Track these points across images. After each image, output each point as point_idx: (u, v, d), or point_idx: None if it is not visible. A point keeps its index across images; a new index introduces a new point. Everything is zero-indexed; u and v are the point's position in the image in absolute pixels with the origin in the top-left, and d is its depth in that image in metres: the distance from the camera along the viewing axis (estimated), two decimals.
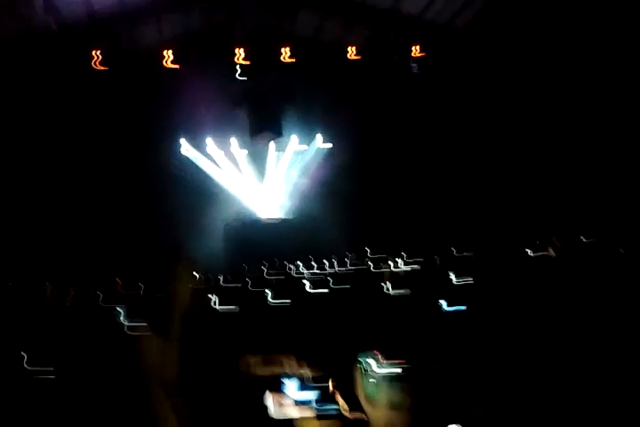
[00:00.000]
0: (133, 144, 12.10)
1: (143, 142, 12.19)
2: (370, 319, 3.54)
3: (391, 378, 1.87)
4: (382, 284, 5.02)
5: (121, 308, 3.65)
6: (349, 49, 11.72)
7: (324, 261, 9.05)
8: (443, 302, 3.75)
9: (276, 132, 13.33)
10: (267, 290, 4.66)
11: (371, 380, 1.88)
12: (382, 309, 4.04)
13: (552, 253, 6.33)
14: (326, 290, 5.22)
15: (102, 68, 10.86)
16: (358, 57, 11.73)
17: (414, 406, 1.81)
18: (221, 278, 7.52)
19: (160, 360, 2.35)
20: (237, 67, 11.50)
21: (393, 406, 1.85)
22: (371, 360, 1.89)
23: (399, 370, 1.85)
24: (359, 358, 1.95)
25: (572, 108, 10.50)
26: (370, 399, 1.91)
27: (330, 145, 13.80)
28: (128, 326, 3.32)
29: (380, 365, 1.87)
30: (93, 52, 10.69)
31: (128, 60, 11.07)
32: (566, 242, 6.82)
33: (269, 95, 12.87)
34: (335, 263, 8.79)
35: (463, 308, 3.67)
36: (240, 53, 11.40)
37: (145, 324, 3.16)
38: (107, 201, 11.92)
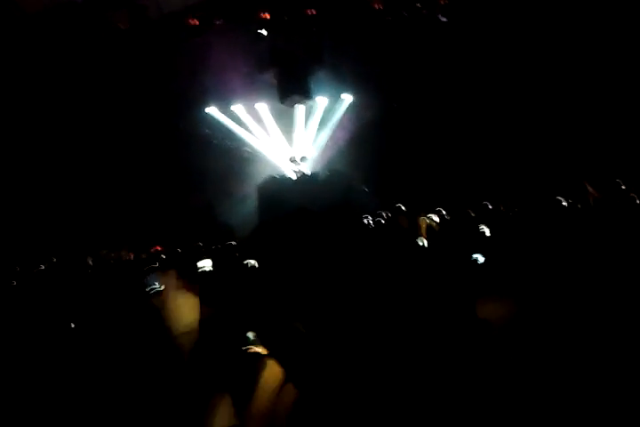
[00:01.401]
0: (162, 109, 12.25)
1: (172, 107, 12.35)
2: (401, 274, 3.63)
3: None
4: (418, 239, 5.08)
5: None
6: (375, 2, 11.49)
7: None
8: (478, 256, 3.79)
9: (305, 93, 13.30)
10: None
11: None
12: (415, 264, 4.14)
13: (588, 199, 6.25)
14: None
15: (128, 34, 10.92)
16: (384, 10, 11.51)
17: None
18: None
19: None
20: (263, 29, 11.43)
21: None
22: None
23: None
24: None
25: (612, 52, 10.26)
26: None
27: (357, 101, 13.74)
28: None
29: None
30: (119, 20, 10.78)
31: (154, 27, 11.09)
32: (602, 187, 6.69)
33: (296, 56, 12.76)
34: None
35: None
36: (265, 15, 11.30)
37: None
38: (136, 166, 12.12)
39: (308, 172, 14.07)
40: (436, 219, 6.58)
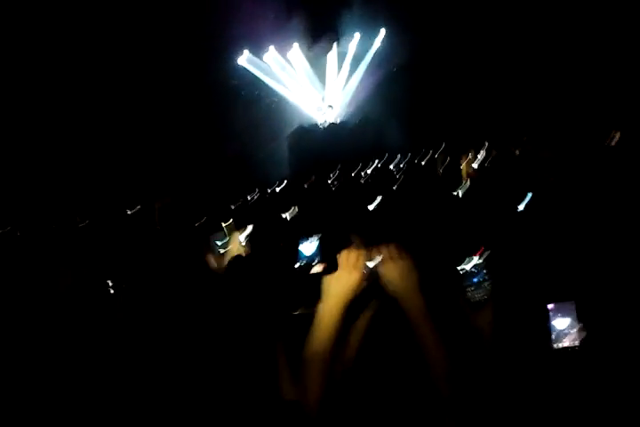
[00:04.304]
0: (190, 59, 11.91)
1: (200, 57, 12.01)
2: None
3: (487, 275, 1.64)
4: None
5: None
6: None
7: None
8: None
9: (335, 35, 13.08)
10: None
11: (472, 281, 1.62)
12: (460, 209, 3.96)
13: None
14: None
15: None
16: None
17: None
18: None
19: None
20: None
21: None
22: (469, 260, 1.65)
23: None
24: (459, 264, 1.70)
25: None
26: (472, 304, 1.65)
27: (388, 43, 13.26)
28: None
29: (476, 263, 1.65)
30: None
31: None
32: None
33: None
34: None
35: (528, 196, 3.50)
36: None
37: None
38: (165, 117, 11.91)
39: (336, 120, 13.83)
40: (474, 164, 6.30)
